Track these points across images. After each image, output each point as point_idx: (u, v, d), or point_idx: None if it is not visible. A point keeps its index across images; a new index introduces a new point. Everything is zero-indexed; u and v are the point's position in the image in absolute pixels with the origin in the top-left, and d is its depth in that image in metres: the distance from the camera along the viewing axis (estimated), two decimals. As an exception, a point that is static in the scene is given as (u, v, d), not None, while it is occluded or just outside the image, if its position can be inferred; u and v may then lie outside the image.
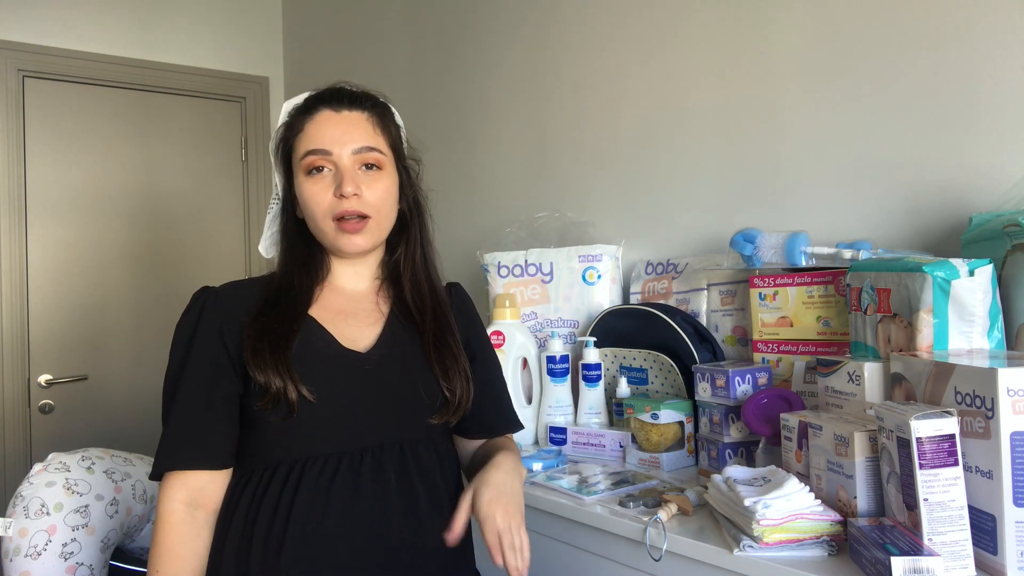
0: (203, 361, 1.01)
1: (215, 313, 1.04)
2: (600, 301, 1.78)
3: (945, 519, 0.83)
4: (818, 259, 1.33)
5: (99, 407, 2.74)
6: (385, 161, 1.07)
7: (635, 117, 1.86)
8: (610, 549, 1.16)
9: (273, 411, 0.97)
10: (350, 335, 1.06)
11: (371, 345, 1.06)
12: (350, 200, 1.02)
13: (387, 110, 1.12)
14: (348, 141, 1.04)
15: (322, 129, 1.04)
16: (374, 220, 1.05)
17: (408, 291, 1.11)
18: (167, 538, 0.96)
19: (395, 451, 1.02)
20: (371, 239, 1.06)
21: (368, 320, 1.09)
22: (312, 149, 1.04)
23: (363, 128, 1.06)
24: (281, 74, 3.23)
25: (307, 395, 0.96)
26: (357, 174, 1.04)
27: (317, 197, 1.03)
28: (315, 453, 0.98)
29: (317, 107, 1.06)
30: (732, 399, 1.27)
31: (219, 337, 1.02)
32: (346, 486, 0.97)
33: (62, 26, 2.69)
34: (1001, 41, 1.26)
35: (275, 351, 0.97)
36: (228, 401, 1.00)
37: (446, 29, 2.43)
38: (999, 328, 1.03)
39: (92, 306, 2.75)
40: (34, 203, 2.64)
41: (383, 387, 1.03)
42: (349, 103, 1.07)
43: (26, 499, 1.39)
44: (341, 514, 0.96)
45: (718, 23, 1.68)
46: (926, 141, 1.36)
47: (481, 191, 2.32)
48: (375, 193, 1.04)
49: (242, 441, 1.02)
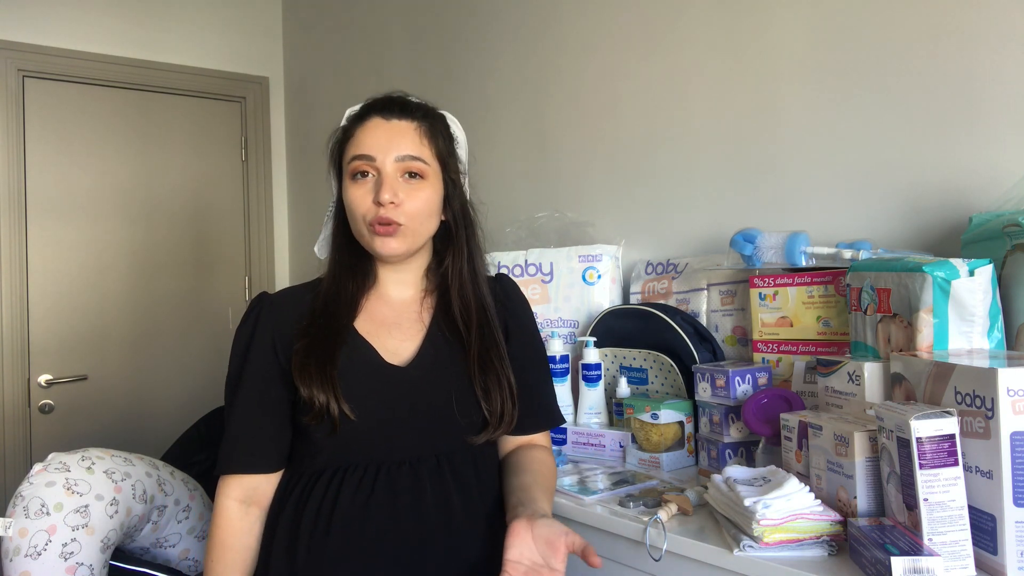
0: (257, 369, 1.07)
1: (269, 322, 1.09)
2: (600, 301, 1.78)
3: (945, 519, 0.83)
4: (818, 259, 1.33)
5: (99, 407, 2.74)
6: (428, 171, 1.08)
7: (635, 117, 1.86)
8: (610, 549, 1.16)
9: (318, 426, 1.01)
10: (393, 348, 1.08)
11: (411, 358, 1.08)
12: (387, 208, 1.04)
13: (439, 121, 1.13)
14: (392, 148, 1.06)
15: (370, 135, 1.07)
16: (408, 227, 1.06)
17: (456, 305, 1.12)
18: (222, 532, 1.04)
19: (431, 463, 1.04)
20: (405, 244, 1.07)
21: (410, 332, 1.10)
22: (357, 154, 1.06)
23: (410, 137, 1.07)
24: (281, 74, 3.23)
25: (348, 413, 1.00)
26: (398, 182, 1.06)
27: (357, 201, 1.06)
28: (355, 462, 1.03)
29: (369, 114, 1.09)
30: (732, 399, 1.27)
31: (272, 347, 1.07)
32: (384, 496, 1.01)
33: (62, 26, 2.69)
34: (1001, 41, 1.26)
35: (320, 367, 1.01)
36: (281, 407, 1.06)
37: (446, 29, 2.43)
38: (999, 328, 1.03)
39: (92, 306, 2.75)
40: (34, 203, 2.64)
41: (421, 402, 1.05)
42: (400, 112, 1.09)
43: (26, 499, 1.38)
44: (380, 522, 0.99)
45: (718, 23, 1.68)
46: (926, 141, 1.36)
47: (481, 191, 2.31)
48: (414, 203, 1.06)
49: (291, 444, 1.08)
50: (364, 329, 1.09)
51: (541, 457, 1.14)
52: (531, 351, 1.19)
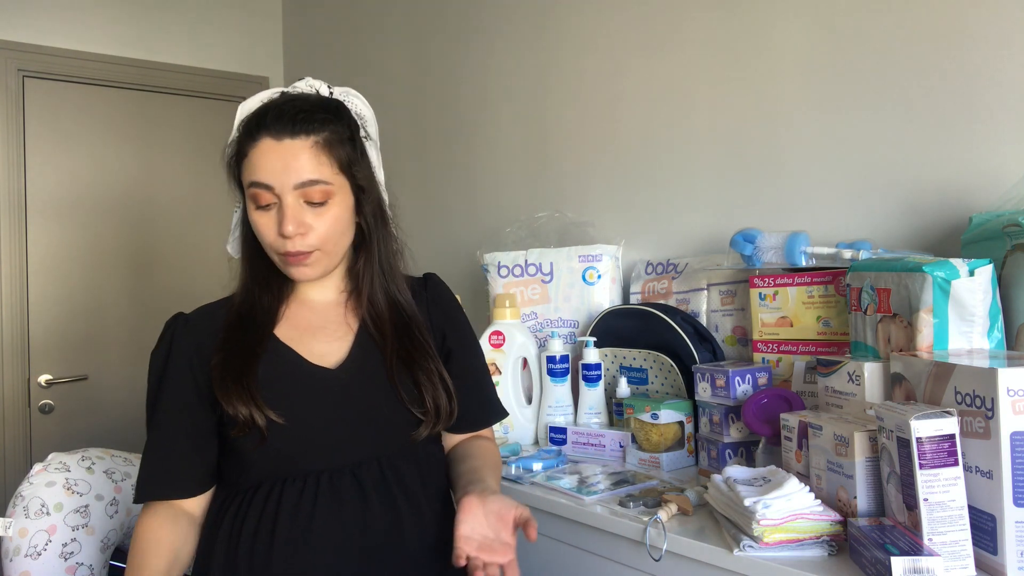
0: (175, 395, 1.02)
1: (185, 343, 1.03)
2: (600, 301, 1.78)
3: (945, 519, 0.83)
4: (818, 259, 1.33)
5: (99, 407, 2.74)
6: (333, 190, 1.00)
7: (635, 117, 1.86)
8: (610, 549, 1.16)
9: (247, 439, 0.96)
10: (319, 351, 1.04)
11: (340, 361, 1.03)
12: (292, 240, 0.98)
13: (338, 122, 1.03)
14: (291, 175, 0.97)
15: (264, 159, 0.98)
16: (321, 251, 1.01)
17: (365, 307, 1.08)
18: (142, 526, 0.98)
19: (373, 467, 1.00)
20: (320, 268, 1.03)
21: (337, 334, 1.06)
22: (254, 181, 0.99)
23: (305, 158, 0.98)
24: (281, 74, 3.23)
25: (276, 419, 0.95)
26: (301, 209, 0.98)
27: (264, 230, 1.00)
28: (294, 472, 0.98)
29: (259, 133, 0.99)
30: (732, 399, 1.27)
31: (188, 370, 1.02)
32: (327, 504, 0.96)
33: (62, 26, 2.69)
34: (1001, 41, 1.26)
35: (237, 380, 0.97)
36: (200, 430, 1.01)
37: (446, 29, 2.43)
38: (999, 328, 1.03)
39: (92, 306, 2.75)
40: (34, 203, 2.64)
41: (355, 404, 1.01)
42: (292, 128, 0.98)
43: (26, 499, 1.38)
44: (323, 533, 0.95)
45: (718, 23, 1.68)
46: (926, 141, 1.36)
47: (481, 191, 2.32)
48: (320, 227, 0.99)
49: (223, 464, 1.02)
50: (286, 335, 1.04)
51: (486, 445, 1.14)
52: (467, 349, 1.15)
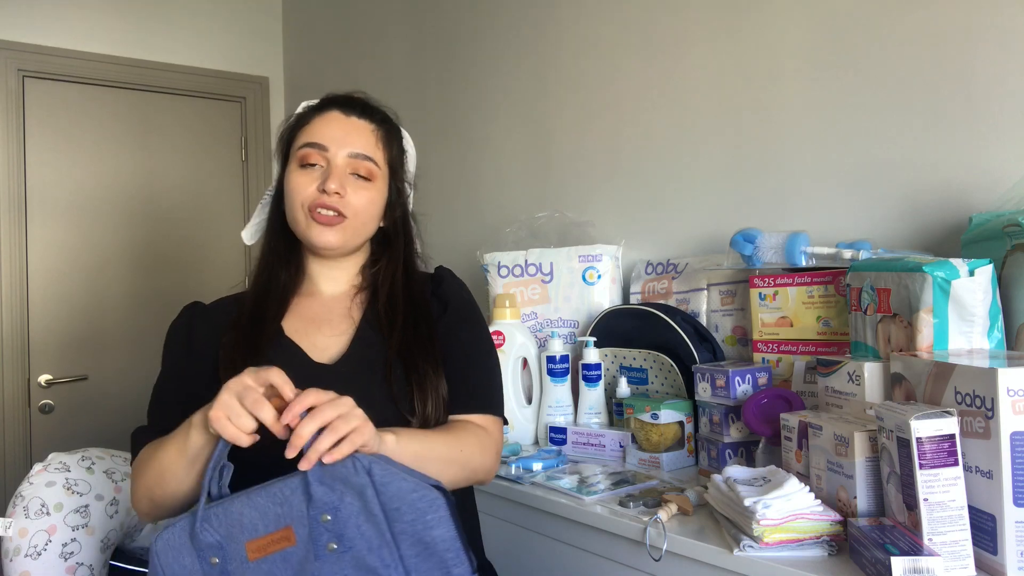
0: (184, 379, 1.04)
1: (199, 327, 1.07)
2: (600, 301, 1.78)
3: (945, 519, 0.83)
4: (818, 259, 1.33)
5: (99, 407, 2.74)
6: (377, 174, 1.08)
7: (635, 117, 1.86)
8: (610, 549, 1.16)
9: None
10: (322, 345, 1.06)
11: (339, 356, 1.05)
12: (331, 196, 1.02)
13: (395, 129, 1.14)
14: (347, 143, 1.05)
15: (326, 126, 1.06)
16: (350, 222, 1.05)
17: (382, 303, 1.09)
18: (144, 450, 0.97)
19: None
20: (342, 238, 1.05)
21: (339, 328, 1.08)
22: (310, 142, 1.05)
23: (365, 137, 1.07)
24: (281, 74, 3.23)
25: None
26: (347, 176, 1.05)
27: (300, 187, 1.04)
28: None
29: (329, 107, 1.09)
30: (732, 399, 1.27)
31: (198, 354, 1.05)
32: None
33: (62, 26, 2.69)
34: (1001, 41, 1.26)
35: (245, 362, 0.96)
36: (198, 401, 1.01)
37: (447, 29, 2.43)
38: (999, 328, 1.03)
39: (92, 306, 2.75)
40: (34, 203, 2.64)
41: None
42: (360, 111, 1.08)
43: (26, 499, 1.39)
44: None
45: (718, 23, 1.68)
46: (926, 141, 1.36)
47: (481, 191, 2.32)
48: (359, 199, 1.05)
49: None
50: (291, 328, 1.07)
51: (464, 426, 1.04)
52: (465, 334, 1.11)
